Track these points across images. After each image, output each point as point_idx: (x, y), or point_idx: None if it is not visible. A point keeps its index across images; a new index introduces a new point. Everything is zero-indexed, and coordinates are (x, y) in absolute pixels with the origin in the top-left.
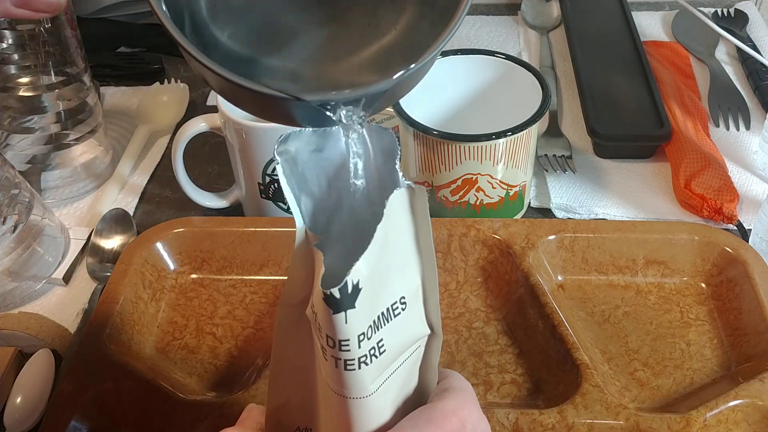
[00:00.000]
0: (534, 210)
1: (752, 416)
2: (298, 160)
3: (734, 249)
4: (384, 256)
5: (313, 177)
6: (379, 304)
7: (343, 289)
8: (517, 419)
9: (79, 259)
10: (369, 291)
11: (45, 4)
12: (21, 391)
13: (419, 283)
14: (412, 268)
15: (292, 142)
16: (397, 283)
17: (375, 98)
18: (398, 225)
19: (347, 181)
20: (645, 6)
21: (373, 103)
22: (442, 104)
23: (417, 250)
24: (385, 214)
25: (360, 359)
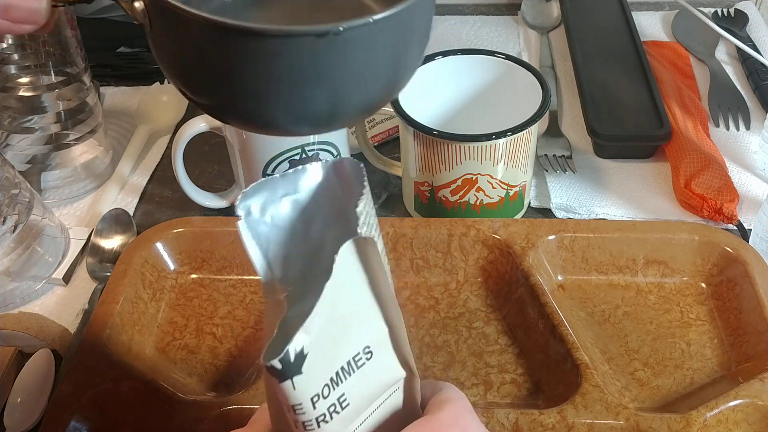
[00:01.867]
0: (534, 210)
1: (752, 416)
2: (267, 208)
3: (734, 249)
4: (336, 312)
5: (286, 223)
6: (336, 361)
7: (285, 359)
8: (517, 419)
9: (79, 259)
10: (319, 352)
11: (25, 12)
12: (21, 391)
13: (385, 329)
14: (375, 316)
15: (258, 194)
16: (358, 334)
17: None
18: (351, 277)
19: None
20: (645, 6)
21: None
22: (442, 104)
23: (375, 298)
24: (333, 270)
25: (318, 419)
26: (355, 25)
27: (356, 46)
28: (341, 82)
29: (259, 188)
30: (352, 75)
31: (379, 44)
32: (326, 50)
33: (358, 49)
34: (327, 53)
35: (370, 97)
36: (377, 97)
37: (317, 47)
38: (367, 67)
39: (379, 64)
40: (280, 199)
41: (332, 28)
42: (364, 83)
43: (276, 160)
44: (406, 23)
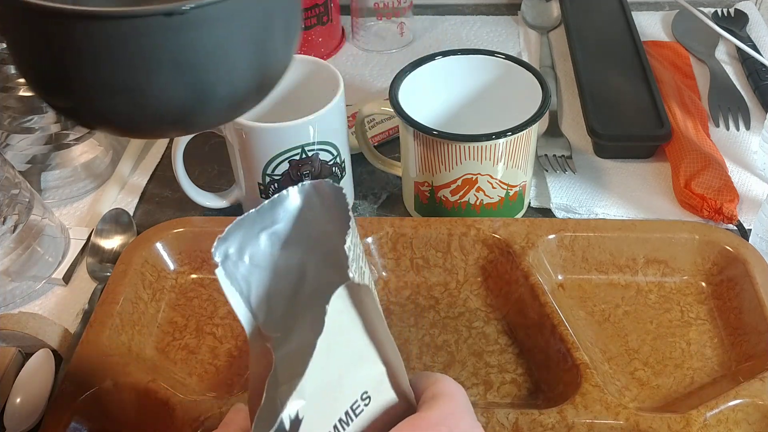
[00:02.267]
0: (534, 210)
1: (752, 416)
2: (245, 249)
3: (734, 248)
4: (331, 365)
5: (266, 259)
6: (334, 415)
7: (279, 429)
8: (517, 419)
9: (79, 259)
10: (315, 412)
11: None
12: (21, 391)
13: (383, 369)
14: (371, 359)
15: (234, 236)
16: (353, 382)
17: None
18: (344, 325)
19: (305, 250)
20: (645, 6)
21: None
22: (442, 104)
23: (371, 340)
24: (325, 323)
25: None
26: (201, 4)
27: (207, 26)
28: (200, 68)
29: (235, 229)
30: (209, 60)
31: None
32: (176, 31)
33: (211, 30)
34: (177, 35)
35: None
36: (243, 88)
37: (166, 28)
38: (225, 51)
39: (238, 49)
40: (257, 235)
41: (176, 7)
42: (225, 70)
43: (276, 160)
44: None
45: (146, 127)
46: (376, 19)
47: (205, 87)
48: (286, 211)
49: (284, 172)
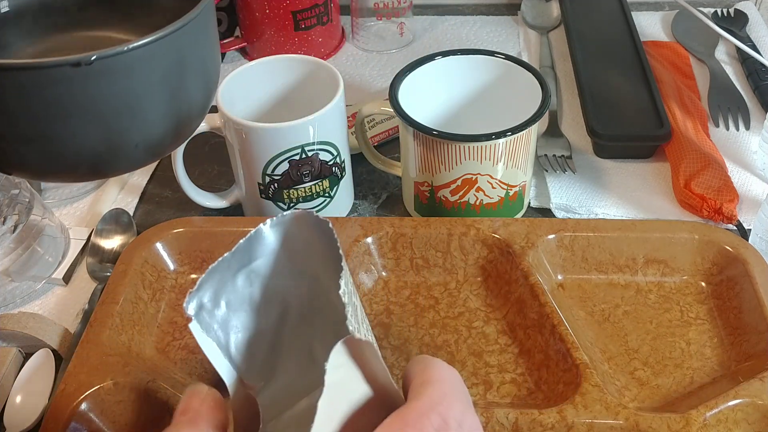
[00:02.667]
0: (534, 210)
1: (752, 415)
2: (221, 296)
3: (734, 248)
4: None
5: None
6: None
7: None
8: (517, 419)
9: (79, 259)
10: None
11: None
12: (21, 391)
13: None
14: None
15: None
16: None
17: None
18: (344, 379)
19: (288, 282)
20: (645, 6)
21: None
22: (442, 104)
23: (373, 391)
24: (325, 383)
25: None
26: (107, 54)
27: (116, 75)
28: (111, 117)
29: (209, 278)
30: (120, 108)
31: (142, 74)
32: (84, 81)
33: (120, 79)
34: (85, 84)
35: (152, 134)
36: (160, 133)
37: (73, 78)
38: (136, 99)
39: (150, 96)
40: (234, 276)
41: (83, 58)
42: (138, 118)
43: (276, 160)
44: (172, 51)
45: (61, 173)
46: (376, 20)
47: (117, 135)
48: (264, 246)
49: (284, 172)
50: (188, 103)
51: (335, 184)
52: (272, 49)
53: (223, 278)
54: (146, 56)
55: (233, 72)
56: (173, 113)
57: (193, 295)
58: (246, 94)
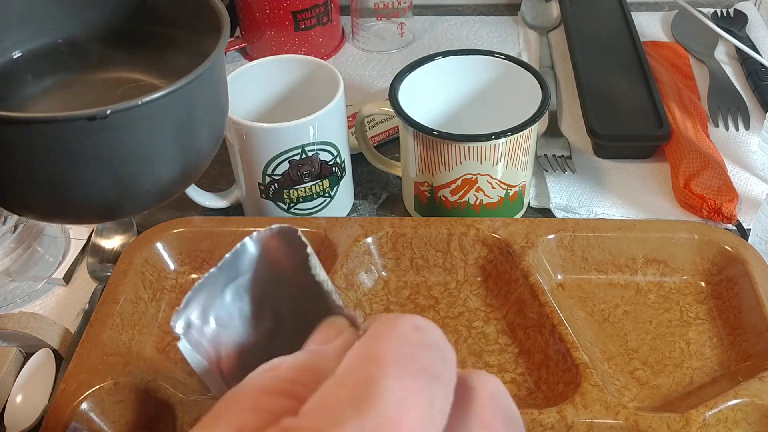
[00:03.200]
0: (534, 210)
1: (752, 415)
2: (209, 312)
3: (734, 248)
4: None
5: (234, 315)
6: None
7: None
8: None
9: (80, 259)
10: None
11: None
12: (21, 391)
13: None
14: None
15: (195, 302)
16: None
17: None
18: None
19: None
20: (645, 6)
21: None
22: (442, 104)
23: None
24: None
25: None
26: (122, 108)
27: (129, 128)
28: (123, 166)
29: (195, 295)
30: (132, 158)
31: (154, 127)
32: (98, 133)
33: (133, 131)
34: (99, 136)
35: (161, 180)
36: (169, 179)
37: (88, 130)
38: (148, 150)
39: (161, 147)
40: (222, 292)
41: (99, 112)
42: (149, 167)
43: (276, 160)
44: (183, 103)
45: (70, 217)
46: (376, 20)
47: (128, 183)
48: (248, 260)
49: (284, 172)
50: (198, 150)
51: (335, 184)
52: (272, 49)
53: (210, 295)
54: (160, 109)
55: (233, 72)
56: (183, 160)
57: (181, 313)
58: (246, 94)
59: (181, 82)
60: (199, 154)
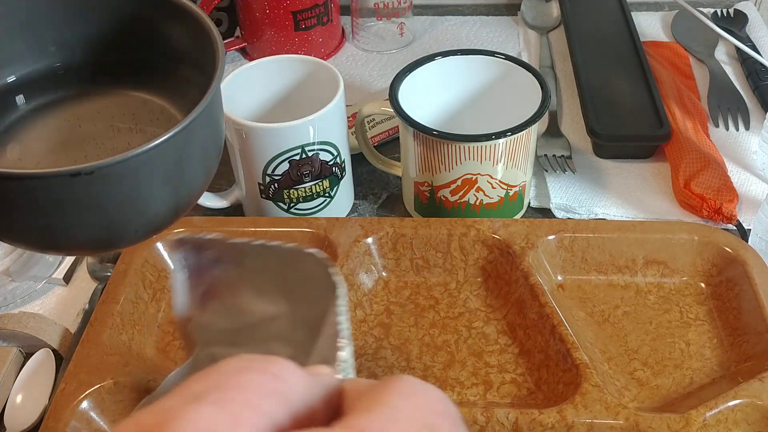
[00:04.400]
0: (534, 210)
1: (752, 416)
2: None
3: (734, 249)
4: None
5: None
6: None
7: None
8: (517, 419)
9: (80, 259)
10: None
11: None
12: (21, 391)
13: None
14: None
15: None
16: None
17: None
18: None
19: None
20: (645, 6)
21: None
22: (442, 104)
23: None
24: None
25: None
26: (108, 164)
27: (116, 179)
28: (111, 212)
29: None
30: (120, 205)
31: (142, 175)
32: (84, 186)
33: (120, 182)
34: (86, 189)
35: (151, 220)
36: (159, 219)
37: (73, 184)
38: (136, 196)
39: (150, 191)
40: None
41: (84, 168)
42: (138, 210)
43: (276, 160)
44: (175, 149)
45: (60, 252)
46: (375, 20)
47: (117, 225)
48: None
49: (284, 172)
50: (189, 189)
51: (335, 184)
52: (272, 49)
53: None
54: (149, 159)
55: (233, 72)
56: (174, 200)
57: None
58: (246, 94)
59: (172, 132)
60: (190, 193)
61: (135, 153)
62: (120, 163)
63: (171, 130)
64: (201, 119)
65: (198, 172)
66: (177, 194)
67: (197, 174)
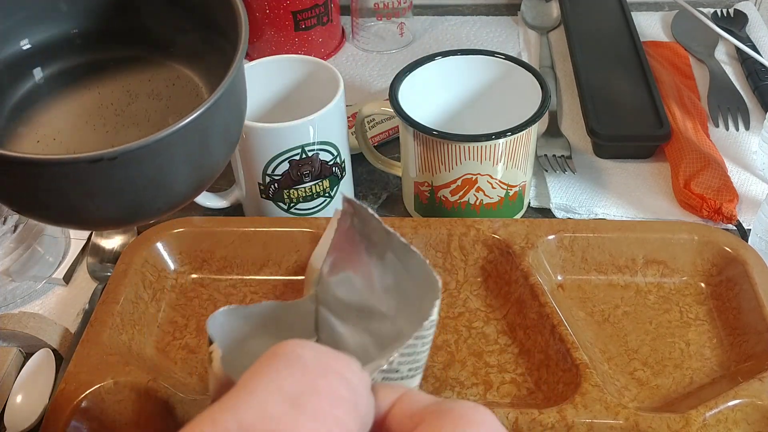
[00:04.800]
0: (534, 210)
1: (752, 416)
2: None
3: (734, 248)
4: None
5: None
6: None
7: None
8: (517, 419)
9: (80, 259)
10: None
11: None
12: (21, 391)
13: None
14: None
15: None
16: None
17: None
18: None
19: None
20: (645, 6)
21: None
22: (442, 104)
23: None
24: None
25: None
26: (130, 149)
27: (137, 163)
28: (134, 194)
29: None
30: (143, 186)
31: (165, 157)
32: (105, 171)
33: (142, 165)
34: (109, 172)
35: (175, 195)
36: (181, 195)
37: (94, 170)
38: (159, 177)
39: (173, 171)
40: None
41: (106, 154)
42: (163, 187)
43: (276, 160)
44: (198, 130)
45: (84, 228)
46: (376, 20)
47: (140, 204)
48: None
49: (284, 172)
50: (212, 164)
51: (335, 184)
52: (272, 49)
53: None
54: (172, 141)
55: None
56: (197, 176)
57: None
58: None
59: (195, 113)
60: (212, 169)
61: (160, 136)
62: (142, 148)
63: (193, 112)
64: (224, 97)
65: (220, 148)
66: (200, 171)
67: (220, 150)
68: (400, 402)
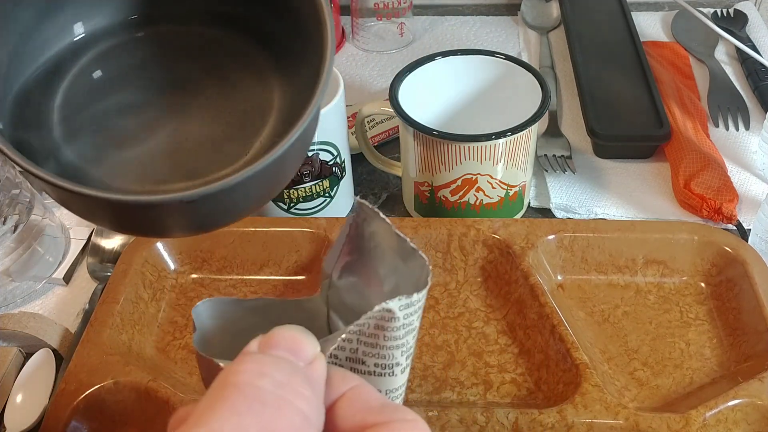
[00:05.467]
0: (534, 210)
1: (751, 416)
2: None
3: (734, 249)
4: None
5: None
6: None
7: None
8: (517, 419)
9: (80, 259)
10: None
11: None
12: (21, 391)
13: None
14: None
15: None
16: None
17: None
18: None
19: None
20: (645, 6)
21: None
22: (442, 104)
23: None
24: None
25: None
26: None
27: (221, 198)
28: (205, 221)
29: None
30: (216, 215)
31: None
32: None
33: (225, 200)
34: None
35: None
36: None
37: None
38: (234, 206)
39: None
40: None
41: (185, 196)
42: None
43: None
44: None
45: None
46: (375, 20)
47: (208, 227)
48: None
49: None
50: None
51: (335, 184)
52: None
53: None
54: (252, 178)
55: None
56: (267, 198)
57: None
58: None
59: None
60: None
61: (241, 178)
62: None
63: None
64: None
65: (292, 173)
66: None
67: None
68: (348, 397)
